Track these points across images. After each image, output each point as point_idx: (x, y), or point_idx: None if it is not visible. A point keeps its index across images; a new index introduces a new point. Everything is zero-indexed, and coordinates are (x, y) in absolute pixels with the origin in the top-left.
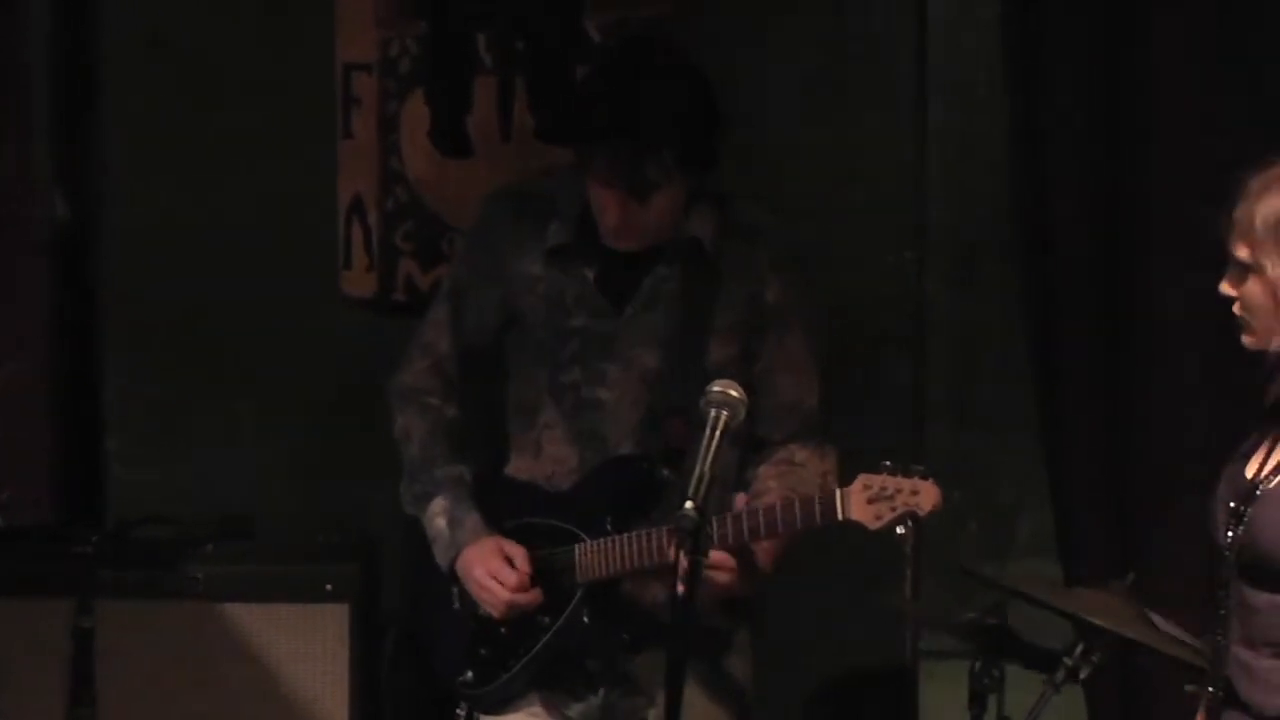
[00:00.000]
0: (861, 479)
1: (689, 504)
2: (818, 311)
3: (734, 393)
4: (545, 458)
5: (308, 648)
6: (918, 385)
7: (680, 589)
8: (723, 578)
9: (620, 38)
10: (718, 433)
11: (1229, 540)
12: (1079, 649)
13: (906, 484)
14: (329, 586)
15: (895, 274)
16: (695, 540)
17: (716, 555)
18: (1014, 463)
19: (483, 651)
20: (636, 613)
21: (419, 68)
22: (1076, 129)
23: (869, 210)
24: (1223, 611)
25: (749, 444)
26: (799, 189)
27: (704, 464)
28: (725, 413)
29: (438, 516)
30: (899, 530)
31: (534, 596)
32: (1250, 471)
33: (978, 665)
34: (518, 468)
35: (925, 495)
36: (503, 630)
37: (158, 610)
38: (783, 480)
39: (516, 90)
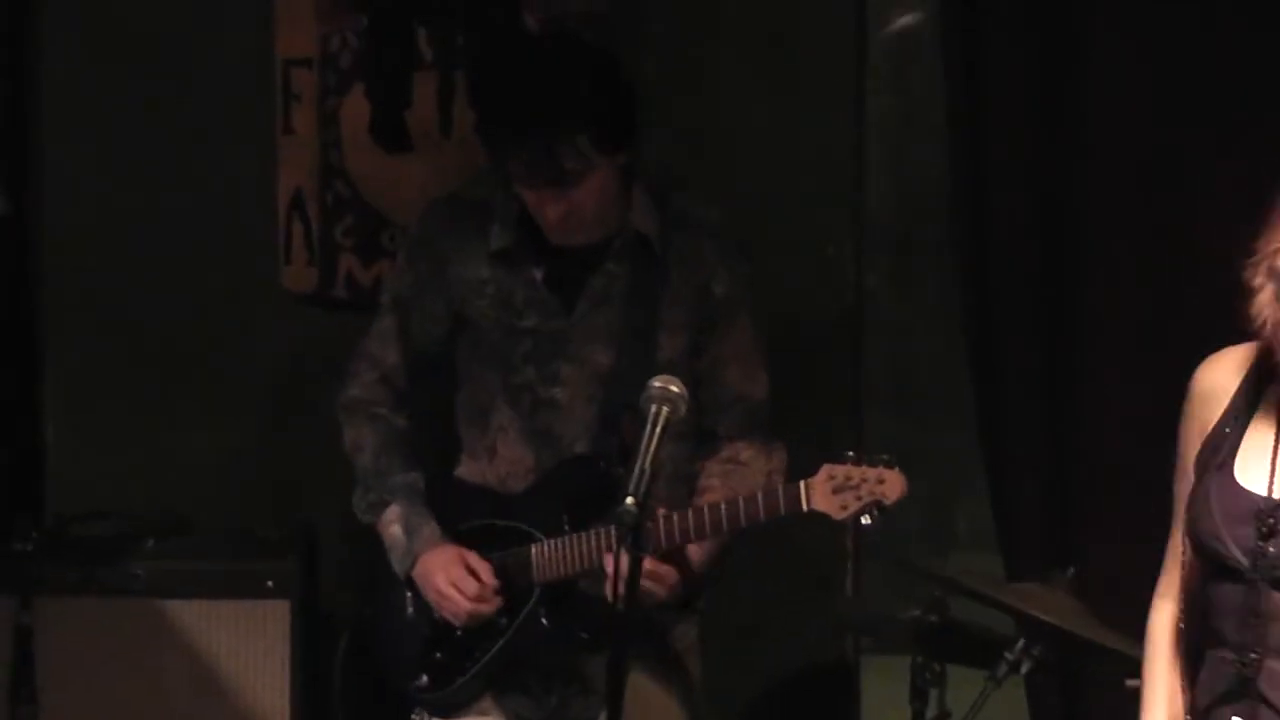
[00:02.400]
0: (826, 469)
1: (630, 500)
2: (759, 305)
3: (674, 388)
4: (500, 460)
5: (249, 644)
6: (856, 377)
7: (619, 585)
8: (671, 579)
9: (513, 38)
10: (658, 428)
11: (1266, 552)
12: (1020, 643)
13: (872, 473)
14: (270, 583)
15: (834, 265)
16: (635, 536)
17: (659, 568)
18: (953, 456)
19: (438, 655)
20: (594, 612)
21: (359, 62)
22: (1015, 120)
23: (807, 201)
24: (1253, 621)
25: (699, 438)
26: (737, 179)
27: (645, 460)
28: (666, 408)
29: (393, 524)
30: (864, 520)
31: (496, 605)
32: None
33: (919, 660)
34: (469, 471)
35: (891, 484)
36: (459, 633)
37: (98, 607)
38: (727, 479)
39: (456, 85)
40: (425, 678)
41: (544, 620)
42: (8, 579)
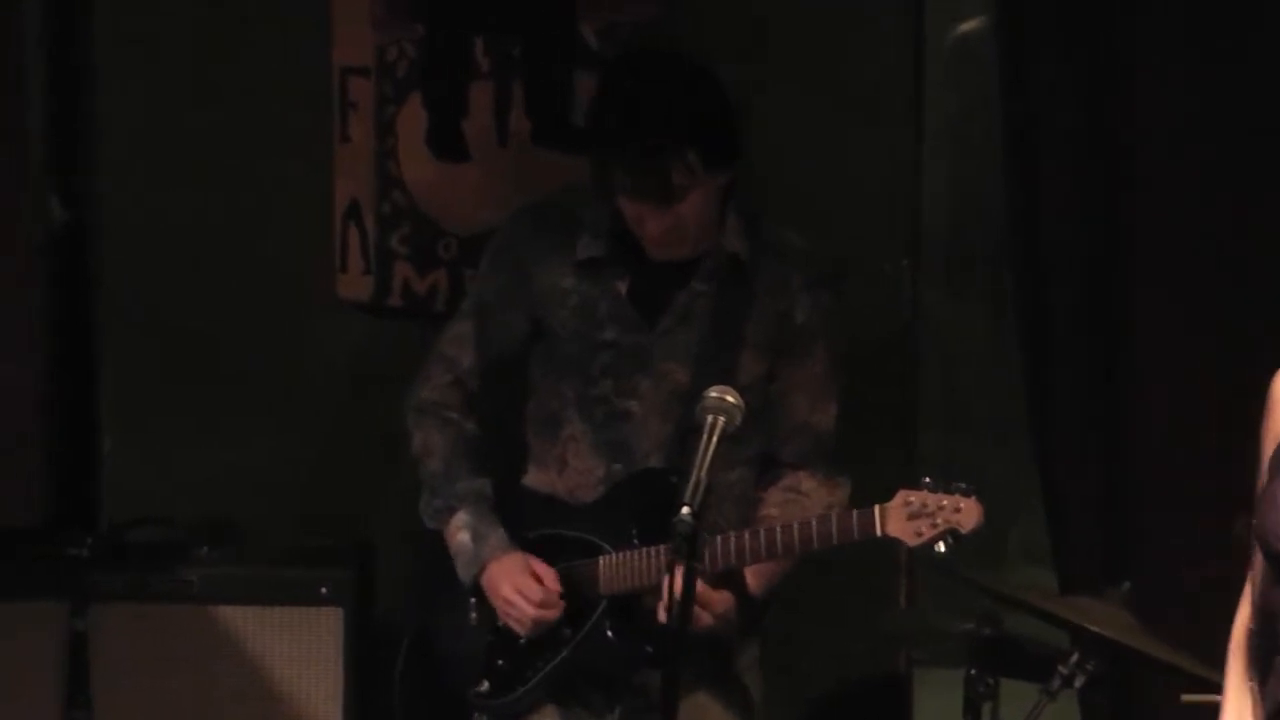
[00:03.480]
0: (902, 494)
1: (685, 509)
2: (842, 338)
3: (730, 398)
4: (570, 470)
5: (302, 651)
6: (911, 392)
7: (675, 596)
8: (722, 605)
9: (620, 50)
10: (714, 439)
11: None
12: (1074, 657)
13: (949, 501)
14: (323, 590)
15: (889, 281)
16: (691, 546)
17: (709, 593)
18: (1007, 470)
19: (500, 663)
20: (659, 627)
21: (416, 72)
22: (1069, 137)
23: (863, 217)
24: None
25: (764, 464)
26: (792, 195)
27: (700, 470)
28: (721, 418)
29: (460, 531)
30: (939, 548)
31: (559, 612)
32: None
33: (972, 674)
34: (538, 480)
35: (967, 513)
36: (522, 641)
37: (152, 613)
38: (785, 509)
39: (513, 94)
40: (486, 684)
41: (609, 633)
42: (63, 585)
